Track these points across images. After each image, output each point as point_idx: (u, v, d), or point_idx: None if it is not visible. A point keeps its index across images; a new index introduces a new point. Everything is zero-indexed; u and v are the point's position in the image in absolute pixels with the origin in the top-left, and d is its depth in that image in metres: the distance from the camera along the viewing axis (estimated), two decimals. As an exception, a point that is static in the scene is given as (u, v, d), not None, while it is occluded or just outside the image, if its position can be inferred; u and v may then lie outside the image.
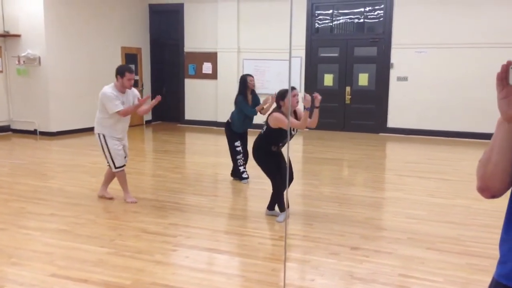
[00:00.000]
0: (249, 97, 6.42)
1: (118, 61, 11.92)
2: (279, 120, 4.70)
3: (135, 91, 5.48)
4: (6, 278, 3.55)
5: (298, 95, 4.73)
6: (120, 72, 5.22)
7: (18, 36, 10.38)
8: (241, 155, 6.46)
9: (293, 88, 4.69)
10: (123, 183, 5.54)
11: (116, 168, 5.42)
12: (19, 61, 10.30)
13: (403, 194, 6.01)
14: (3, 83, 10.68)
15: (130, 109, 5.29)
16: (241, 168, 6.49)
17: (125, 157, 5.52)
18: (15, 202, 5.51)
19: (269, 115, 4.89)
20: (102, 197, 5.66)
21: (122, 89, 5.25)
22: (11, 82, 10.72)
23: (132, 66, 5.22)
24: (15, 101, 10.80)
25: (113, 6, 11.68)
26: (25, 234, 4.48)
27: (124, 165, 5.51)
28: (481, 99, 9.93)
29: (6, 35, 10.39)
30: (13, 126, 10.90)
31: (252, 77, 6.52)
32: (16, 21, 10.37)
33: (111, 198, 5.62)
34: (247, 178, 6.51)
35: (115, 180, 5.61)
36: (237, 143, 6.44)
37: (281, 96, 4.77)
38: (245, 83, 6.38)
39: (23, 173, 6.99)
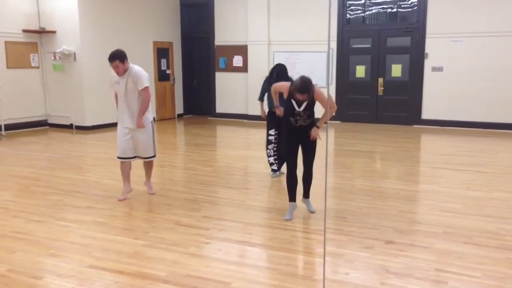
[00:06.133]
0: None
1: (150, 56, 12.06)
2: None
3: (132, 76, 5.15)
4: (45, 269, 3.66)
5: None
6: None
7: (54, 32, 10.62)
8: (272, 145, 6.26)
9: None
10: (122, 175, 5.44)
11: (118, 156, 5.37)
12: (54, 57, 10.56)
13: (438, 187, 5.88)
14: (40, 78, 10.97)
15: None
16: (270, 159, 6.35)
17: (131, 156, 5.33)
18: (53, 195, 5.66)
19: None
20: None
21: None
22: (47, 78, 11.00)
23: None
24: (51, 96, 11.08)
25: (145, 1, 11.81)
26: (63, 226, 4.60)
27: (126, 158, 5.33)
28: (520, 89, 9.61)
29: (42, 32, 10.66)
30: (50, 121, 11.20)
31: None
32: (51, 17, 10.61)
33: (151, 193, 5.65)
34: (275, 171, 6.34)
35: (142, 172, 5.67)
36: (271, 131, 6.24)
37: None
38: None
39: (60, 167, 7.17)
